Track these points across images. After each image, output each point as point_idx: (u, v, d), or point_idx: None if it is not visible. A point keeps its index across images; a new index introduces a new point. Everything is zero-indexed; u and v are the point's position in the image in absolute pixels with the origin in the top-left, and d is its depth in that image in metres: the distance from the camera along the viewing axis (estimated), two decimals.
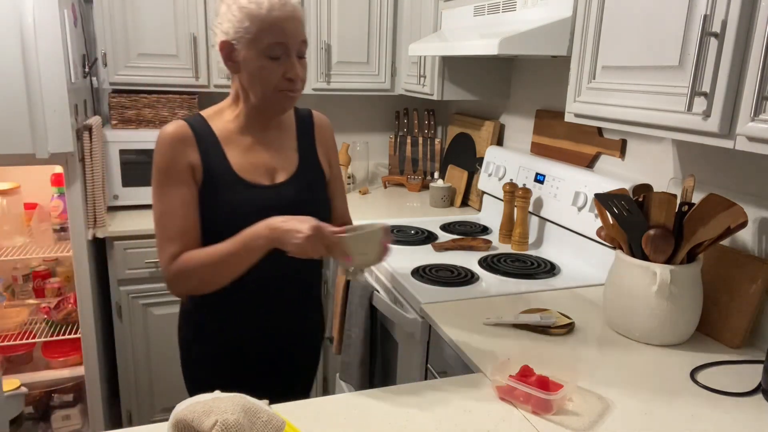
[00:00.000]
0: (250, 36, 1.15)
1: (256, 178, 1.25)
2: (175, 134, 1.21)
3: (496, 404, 1.07)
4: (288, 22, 1.15)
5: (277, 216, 1.12)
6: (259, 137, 1.28)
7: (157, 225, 1.20)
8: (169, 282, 1.20)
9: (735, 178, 1.43)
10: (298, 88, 1.21)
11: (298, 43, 1.18)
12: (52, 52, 1.82)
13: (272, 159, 1.28)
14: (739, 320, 1.31)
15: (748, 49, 1.01)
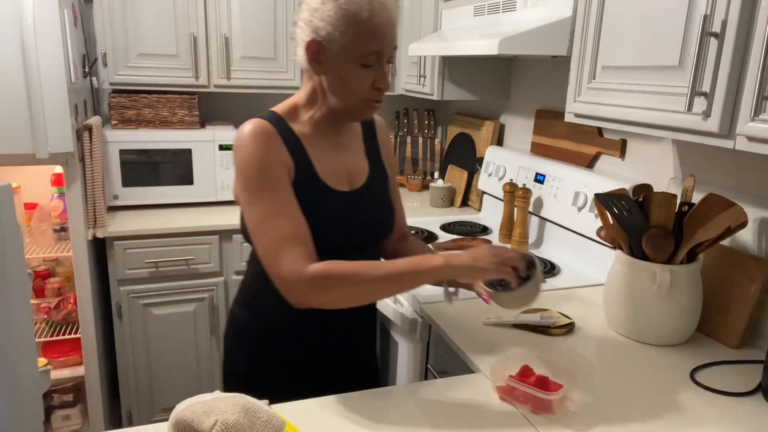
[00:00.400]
0: (346, 40, 1.05)
1: (337, 183, 1.17)
2: (266, 131, 1.09)
3: (496, 404, 1.07)
4: (387, 28, 1.06)
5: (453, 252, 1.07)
6: (334, 140, 1.20)
7: (262, 227, 1.05)
8: (298, 287, 1.03)
9: (735, 178, 1.43)
10: (384, 97, 1.13)
11: (391, 49, 1.09)
12: (52, 52, 1.82)
13: (348, 163, 1.21)
14: (738, 320, 1.31)
15: (748, 49, 1.01)
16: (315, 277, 1.02)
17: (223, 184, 2.49)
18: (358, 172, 1.22)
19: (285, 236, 1.04)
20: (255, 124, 1.09)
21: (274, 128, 1.11)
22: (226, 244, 2.32)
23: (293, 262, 1.02)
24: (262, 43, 2.48)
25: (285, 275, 1.02)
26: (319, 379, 1.28)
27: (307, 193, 1.12)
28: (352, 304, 1.07)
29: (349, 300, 1.06)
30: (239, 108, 2.86)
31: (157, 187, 2.41)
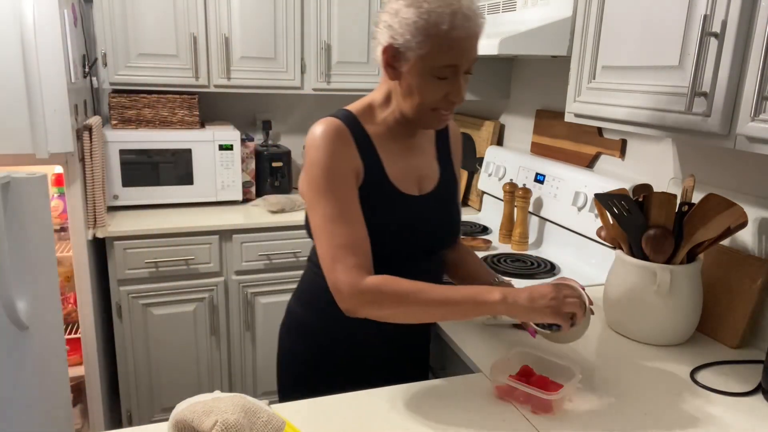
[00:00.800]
0: (423, 51, 1.02)
1: (407, 187, 1.16)
2: (337, 133, 1.08)
3: (496, 404, 1.07)
4: (467, 42, 1.02)
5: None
6: (407, 143, 1.19)
7: (323, 231, 1.05)
8: (351, 299, 1.02)
9: (735, 178, 1.43)
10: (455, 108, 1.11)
11: (469, 62, 1.05)
12: (52, 52, 1.82)
13: (419, 167, 1.20)
14: (738, 320, 1.31)
15: (748, 49, 1.01)
16: (369, 291, 1.01)
17: (223, 184, 2.49)
18: (428, 176, 1.21)
19: (343, 244, 1.04)
20: (328, 124, 1.09)
21: (346, 128, 1.10)
22: (226, 244, 2.32)
23: (349, 271, 1.02)
24: (262, 43, 2.48)
25: (340, 284, 1.02)
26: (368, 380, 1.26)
27: (375, 195, 1.11)
28: (402, 321, 1.05)
29: (400, 318, 1.04)
30: (239, 108, 2.86)
31: (157, 187, 2.41)
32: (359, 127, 1.13)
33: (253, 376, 2.51)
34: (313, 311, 1.26)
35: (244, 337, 2.44)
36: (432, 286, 1.03)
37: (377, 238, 1.10)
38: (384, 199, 1.12)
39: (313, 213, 1.07)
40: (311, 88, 2.60)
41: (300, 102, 2.94)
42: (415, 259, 1.19)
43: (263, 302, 2.43)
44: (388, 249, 1.13)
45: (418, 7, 1.00)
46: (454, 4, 1.00)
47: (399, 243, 1.15)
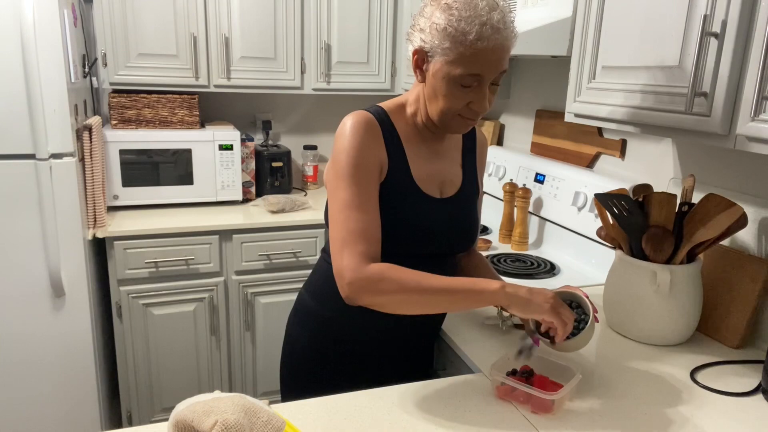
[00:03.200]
0: (448, 58, 1.03)
1: (429, 189, 1.18)
2: (367, 126, 1.09)
3: (496, 404, 1.07)
4: (493, 53, 1.02)
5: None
6: (434, 146, 1.20)
7: (339, 216, 1.06)
8: (353, 284, 1.03)
9: (735, 178, 1.43)
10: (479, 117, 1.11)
11: (496, 74, 1.05)
12: (52, 52, 1.82)
13: (444, 171, 1.21)
14: (738, 320, 1.31)
15: (748, 49, 1.01)
16: (370, 277, 1.02)
17: (223, 184, 2.49)
18: (451, 181, 1.22)
19: (355, 230, 1.05)
20: (359, 116, 1.10)
21: (376, 122, 1.12)
22: (226, 244, 2.32)
23: (355, 256, 1.03)
24: (262, 43, 2.48)
25: (343, 268, 1.03)
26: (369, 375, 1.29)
27: (397, 192, 1.12)
28: (402, 311, 1.05)
29: (399, 306, 1.04)
30: (239, 108, 2.86)
31: (157, 187, 2.41)
32: (389, 124, 1.15)
33: (253, 376, 2.51)
34: (322, 301, 1.27)
35: (244, 337, 2.44)
36: (432, 276, 1.03)
37: (393, 234, 1.11)
38: (405, 197, 1.13)
39: (333, 199, 1.09)
40: (311, 88, 2.60)
41: (300, 102, 2.94)
42: (427, 260, 1.20)
43: (263, 302, 2.43)
44: (402, 247, 1.14)
45: (449, 14, 1.01)
46: (484, 15, 1.00)
47: (413, 242, 1.16)
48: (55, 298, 2.00)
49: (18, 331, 1.99)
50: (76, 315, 2.04)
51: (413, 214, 1.14)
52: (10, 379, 2.02)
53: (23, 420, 2.07)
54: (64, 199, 1.94)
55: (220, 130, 2.47)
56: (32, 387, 2.05)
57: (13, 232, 1.92)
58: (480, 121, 2.55)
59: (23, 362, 2.02)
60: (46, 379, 2.06)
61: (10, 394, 2.03)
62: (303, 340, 1.31)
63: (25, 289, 1.97)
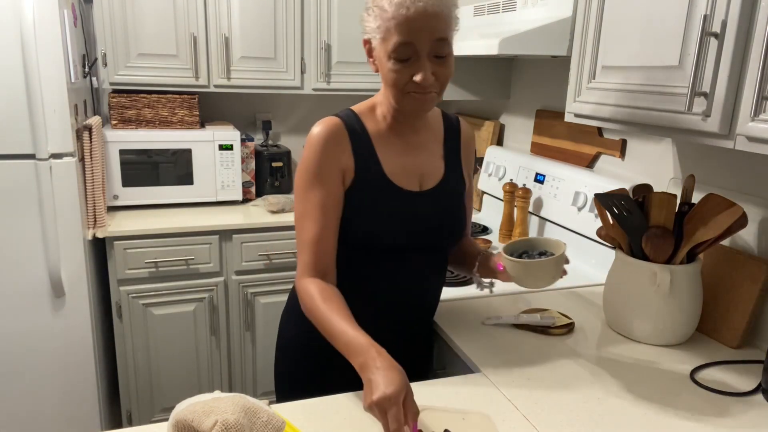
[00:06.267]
0: (380, 36, 1.05)
1: (407, 183, 1.18)
2: (329, 134, 1.13)
3: (496, 404, 1.07)
4: (418, 19, 1.01)
5: (383, 354, 0.97)
6: (409, 139, 1.20)
7: (297, 225, 1.15)
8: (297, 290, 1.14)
9: (735, 178, 1.43)
10: (431, 90, 1.08)
11: (430, 42, 1.03)
12: (52, 52, 1.82)
13: (422, 164, 1.20)
14: (738, 320, 1.31)
15: (748, 49, 1.01)
16: (300, 291, 1.13)
17: (223, 184, 2.49)
18: (430, 173, 1.21)
19: (305, 241, 1.13)
20: (324, 124, 1.14)
21: (344, 127, 1.15)
22: (226, 244, 2.32)
23: (300, 266, 1.13)
24: (262, 43, 2.48)
25: (296, 275, 1.15)
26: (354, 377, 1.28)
27: (371, 190, 1.15)
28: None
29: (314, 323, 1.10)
30: (239, 108, 2.86)
31: (157, 187, 2.41)
32: (360, 126, 1.17)
33: (253, 376, 2.51)
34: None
35: (244, 337, 2.44)
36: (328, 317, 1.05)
37: (373, 231, 1.15)
38: (379, 193, 1.15)
39: (295, 208, 1.17)
40: (311, 88, 2.60)
41: (300, 102, 2.94)
42: (412, 254, 1.20)
43: (263, 302, 2.43)
44: (384, 242, 1.16)
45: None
46: None
47: (394, 236, 1.17)
48: (55, 298, 2.00)
49: (18, 331, 1.99)
50: (76, 315, 2.04)
51: (388, 208, 1.15)
52: (10, 379, 2.02)
53: (23, 420, 2.07)
54: (64, 199, 1.94)
55: (220, 130, 2.47)
56: (32, 387, 2.05)
57: (13, 232, 1.92)
58: (478, 121, 2.55)
59: (23, 362, 2.02)
60: (46, 379, 2.06)
61: (11, 393, 2.03)
62: (295, 339, 1.31)
63: (25, 289, 1.97)
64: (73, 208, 1.96)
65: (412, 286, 1.25)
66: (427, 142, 1.23)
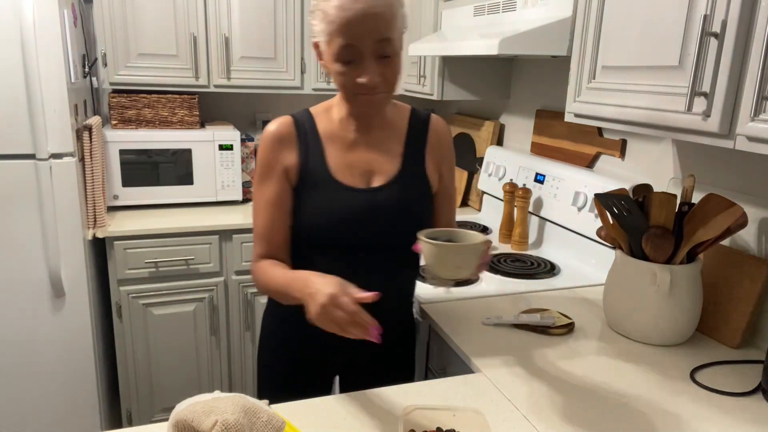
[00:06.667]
0: (325, 39, 1.06)
1: (351, 180, 1.18)
2: (276, 133, 1.18)
3: (496, 404, 1.07)
4: (359, 21, 1.01)
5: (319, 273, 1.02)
6: (362, 137, 1.21)
7: (252, 219, 1.24)
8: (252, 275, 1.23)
9: (735, 178, 1.43)
10: (379, 91, 1.09)
11: (373, 43, 1.04)
12: (52, 52, 1.82)
13: (371, 162, 1.20)
14: (738, 320, 1.31)
15: (748, 49, 1.01)
16: (253, 273, 1.22)
17: (223, 184, 2.49)
18: (381, 171, 1.21)
19: (256, 233, 1.22)
20: (275, 123, 1.19)
21: (293, 126, 1.19)
22: (226, 244, 2.32)
23: (253, 255, 1.23)
24: (262, 43, 2.48)
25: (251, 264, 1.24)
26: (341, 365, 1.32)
27: (314, 186, 1.18)
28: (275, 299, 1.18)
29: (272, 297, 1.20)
30: (239, 108, 2.86)
31: (157, 187, 2.41)
32: (311, 125, 1.20)
33: (253, 376, 2.51)
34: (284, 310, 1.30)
35: (244, 337, 2.44)
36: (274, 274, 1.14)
37: (318, 226, 1.18)
38: (321, 189, 1.18)
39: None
40: (311, 88, 2.60)
41: (300, 102, 2.94)
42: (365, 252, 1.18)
43: (263, 302, 2.43)
44: (329, 238, 1.18)
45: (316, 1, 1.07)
46: None
47: (339, 233, 1.17)
48: (55, 298, 2.00)
49: (18, 331, 1.99)
50: (76, 315, 2.04)
51: (327, 203, 1.17)
52: (10, 379, 2.02)
53: (23, 420, 2.07)
54: (64, 199, 1.94)
55: (220, 130, 2.47)
56: (32, 387, 2.05)
57: (13, 232, 1.92)
58: (478, 121, 2.56)
59: (23, 362, 2.02)
60: (46, 379, 2.06)
61: (10, 393, 2.03)
62: (274, 333, 1.32)
63: (25, 289, 1.97)
64: (73, 208, 1.96)
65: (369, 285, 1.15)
66: (382, 141, 1.22)
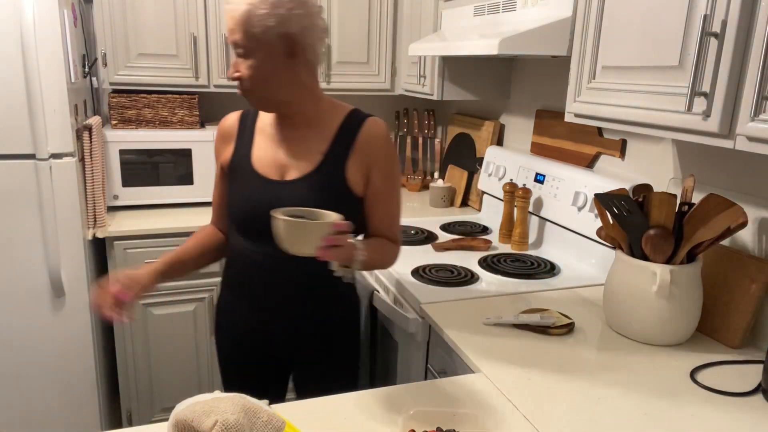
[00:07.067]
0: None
1: (268, 171, 1.27)
2: (221, 129, 1.36)
3: (496, 404, 1.07)
4: (228, 20, 1.17)
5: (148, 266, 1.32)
6: (288, 133, 1.29)
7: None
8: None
9: (735, 178, 1.43)
10: (241, 86, 1.24)
11: (231, 42, 1.18)
12: (52, 52, 1.82)
13: (288, 156, 1.27)
14: (739, 320, 1.31)
15: (748, 49, 1.01)
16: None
17: None
18: (297, 166, 1.26)
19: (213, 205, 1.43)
20: (224, 119, 1.37)
21: (238, 120, 1.36)
22: None
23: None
24: None
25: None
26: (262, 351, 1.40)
27: (237, 173, 1.30)
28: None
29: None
30: (239, 108, 2.85)
31: (157, 187, 2.41)
32: (252, 120, 1.34)
33: None
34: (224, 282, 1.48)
35: None
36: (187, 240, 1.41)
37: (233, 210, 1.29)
38: (240, 177, 1.29)
39: None
40: None
41: None
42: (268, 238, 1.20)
43: None
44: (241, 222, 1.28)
45: None
46: None
47: (248, 218, 1.26)
48: (55, 298, 2.00)
49: (18, 331, 1.99)
50: (76, 315, 2.04)
51: (242, 190, 1.28)
52: (10, 379, 2.02)
53: (23, 420, 2.07)
54: (64, 199, 1.94)
55: None
56: (32, 387, 2.05)
57: (13, 232, 1.92)
58: (478, 121, 2.55)
59: (23, 362, 2.02)
60: (46, 379, 2.06)
61: (10, 393, 2.03)
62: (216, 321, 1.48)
63: (25, 289, 1.97)
64: (73, 208, 1.96)
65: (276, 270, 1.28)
66: (307, 138, 1.27)
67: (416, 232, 2.15)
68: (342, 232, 1.05)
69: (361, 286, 1.80)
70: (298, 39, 1.17)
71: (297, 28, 1.15)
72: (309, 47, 1.19)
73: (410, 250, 1.95)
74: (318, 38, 1.20)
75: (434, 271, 1.73)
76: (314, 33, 1.19)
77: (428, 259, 1.86)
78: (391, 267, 1.46)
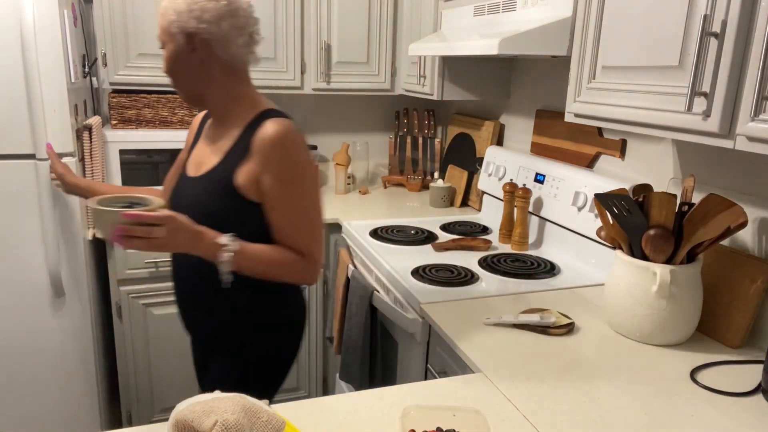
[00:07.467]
0: None
1: (190, 168, 1.35)
2: (194, 121, 1.47)
3: (496, 404, 1.07)
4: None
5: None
6: (211, 130, 1.35)
7: None
8: None
9: (735, 178, 1.43)
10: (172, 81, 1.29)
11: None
12: (52, 52, 1.82)
13: (205, 153, 1.32)
14: (739, 320, 1.31)
15: (748, 49, 1.01)
16: None
17: None
18: (205, 163, 1.30)
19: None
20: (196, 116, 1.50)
21: (199, 121, 1.45)
22: None
23: None
24: (262, 43, 2.48)
25: None
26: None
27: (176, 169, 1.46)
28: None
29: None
30: None
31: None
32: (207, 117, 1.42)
33: None
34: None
35: None
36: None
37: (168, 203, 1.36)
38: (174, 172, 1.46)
39: None
40: (311, 88, 2.60)
41: (300, 102, 2.94)
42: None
43: None
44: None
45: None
46: None
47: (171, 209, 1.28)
48: (55, 298, 2.00)
49: (18, 331, 1.99)
50: (76, 315, 2.04)
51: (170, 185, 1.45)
52: (10, 379, 2.02)
53: (23, 420, 2.07)
54: (64, 199, 1.94)
55: None
56: (32, 387, 2.05)
57: (13, 232, 1.92)
58: (478, 121, 2.55)
59: (23, 362, 2.02)
60: (46, 379, 2.06)
61: (10, 393, 2.03)
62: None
63: (25, 289, 1.97)
64: (73, 208, 1.96)
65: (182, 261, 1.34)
66: (220, 136, 1.30)
67: (416, 232, 2.15)
68: (142, 223, 1.07)
69: (361, 286, 1.80)
70: (196, 34, 1.19)
71: (195, 23, 1.18)
72: (216, 43, 1.20)
73: (410, 250, 1.95)
74: (231, 36, 1.20)
75: (434, 271, 1.73)
76: (220, 30, 1.19)
77: (428, 259, 1.86)
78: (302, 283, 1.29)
